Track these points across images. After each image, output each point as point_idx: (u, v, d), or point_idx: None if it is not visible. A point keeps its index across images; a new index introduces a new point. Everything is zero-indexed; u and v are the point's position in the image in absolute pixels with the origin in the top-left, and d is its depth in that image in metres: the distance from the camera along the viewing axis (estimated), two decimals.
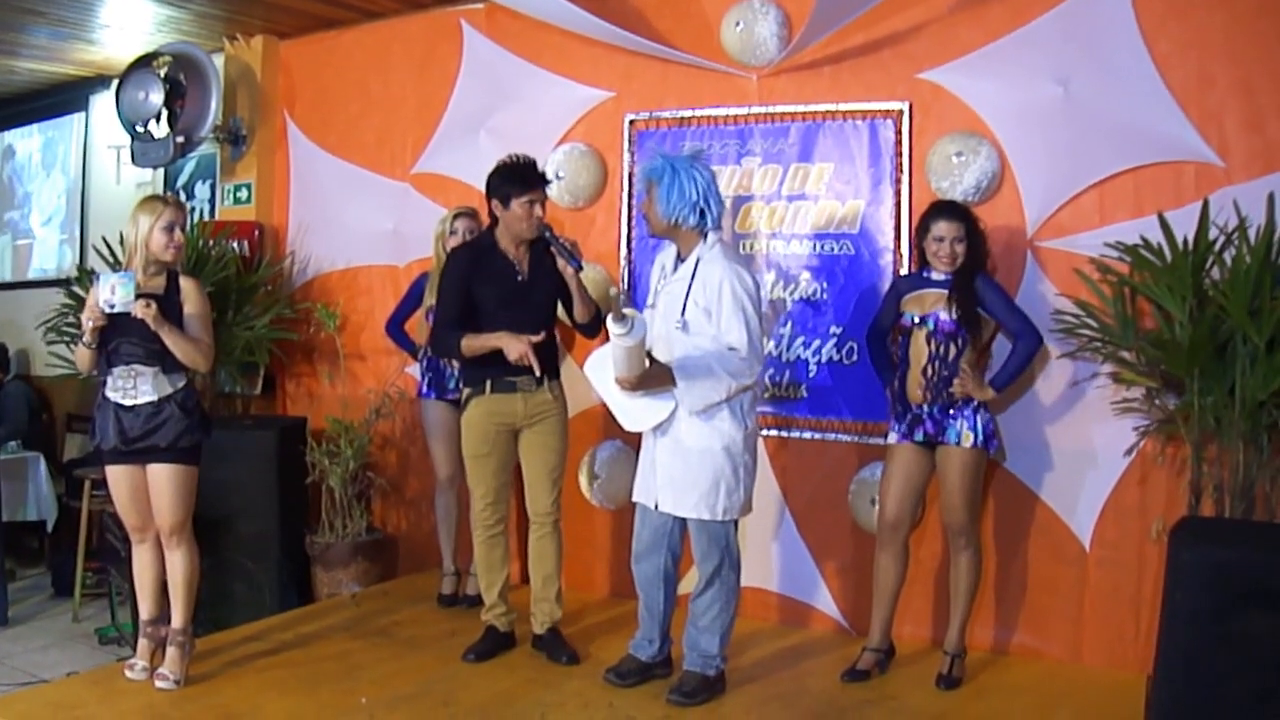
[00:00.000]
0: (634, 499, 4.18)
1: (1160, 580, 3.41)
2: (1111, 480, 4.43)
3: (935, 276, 4.19)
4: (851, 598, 4.89)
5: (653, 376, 3.82)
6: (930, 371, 4.14)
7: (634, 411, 3.97)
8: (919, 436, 4.17)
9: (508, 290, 4.28)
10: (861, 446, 4.88)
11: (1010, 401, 4.48)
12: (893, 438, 4.28)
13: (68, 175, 8.01)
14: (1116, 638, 4.41)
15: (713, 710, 3.90)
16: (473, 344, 4.24)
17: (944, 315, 4.12)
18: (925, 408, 4.15)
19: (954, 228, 4.13)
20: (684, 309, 3.94)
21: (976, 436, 4.09)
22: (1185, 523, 3.70)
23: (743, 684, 4.17)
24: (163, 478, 3.98)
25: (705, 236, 3.99)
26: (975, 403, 4.11)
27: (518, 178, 4.24)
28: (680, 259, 4.05)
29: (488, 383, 4.32)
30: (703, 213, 3.95)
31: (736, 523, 4.06)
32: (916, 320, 4.18)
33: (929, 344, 4.14)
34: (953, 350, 4.12)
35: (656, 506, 4.03)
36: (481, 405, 4.35)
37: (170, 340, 3.92)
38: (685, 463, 3.93)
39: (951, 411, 4.11)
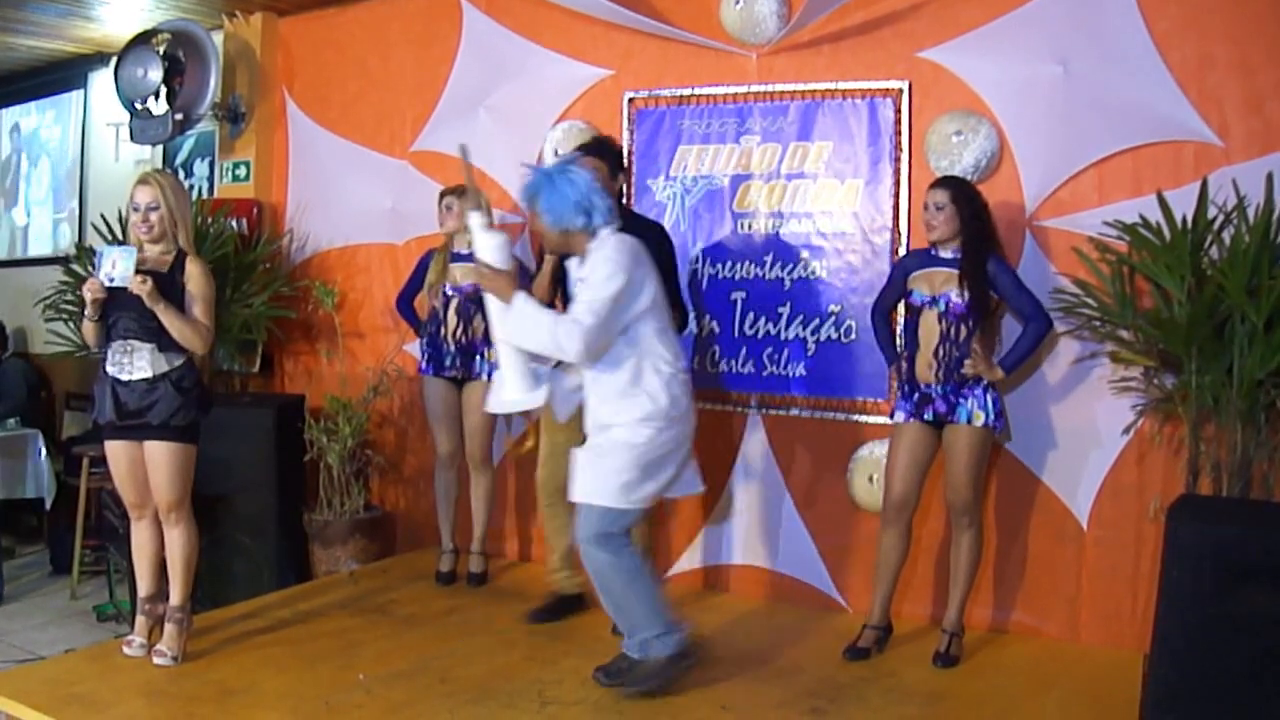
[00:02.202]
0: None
1: (1157, 559, 3.40)
2: (1109, 459, 4.43)
3: (943, 254, 4.17)
4: (849, 575, 4.90)
5: (507, 281, 3.73)
6: (942, 352, 4.12)
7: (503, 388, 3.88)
8: (928, 416, 4.16)
9: None
10: (859, 425, 4.88)
11: (1016, 382, 4.48)
12: (899, 417, 4.26)
13: (66, 152, 7.99)
14: (1114, 616, 4.42)
15: (709, 687, 3.90)
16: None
17: (955, 297, 4.10)
18: (936, 388, 4.14)
19: (934, 194, 4.14)
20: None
21: (987, 416, 4.08)
22: (1183, 501, 3.70)
23: (740, 661, 4.17)
24: (158, 455, 3.97)
25: (595, 235, 3.83)
26: (985, 382, 4.10)
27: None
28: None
29: None
30: (588, 211, 3.78)
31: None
32: (927, 300, 4.16)
33: (940, 324, 4.12)
34: (964, 331, 4.10)
35: None
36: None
37: (165, 318, 3.90)
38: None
39: (963, 391, 4.11)
